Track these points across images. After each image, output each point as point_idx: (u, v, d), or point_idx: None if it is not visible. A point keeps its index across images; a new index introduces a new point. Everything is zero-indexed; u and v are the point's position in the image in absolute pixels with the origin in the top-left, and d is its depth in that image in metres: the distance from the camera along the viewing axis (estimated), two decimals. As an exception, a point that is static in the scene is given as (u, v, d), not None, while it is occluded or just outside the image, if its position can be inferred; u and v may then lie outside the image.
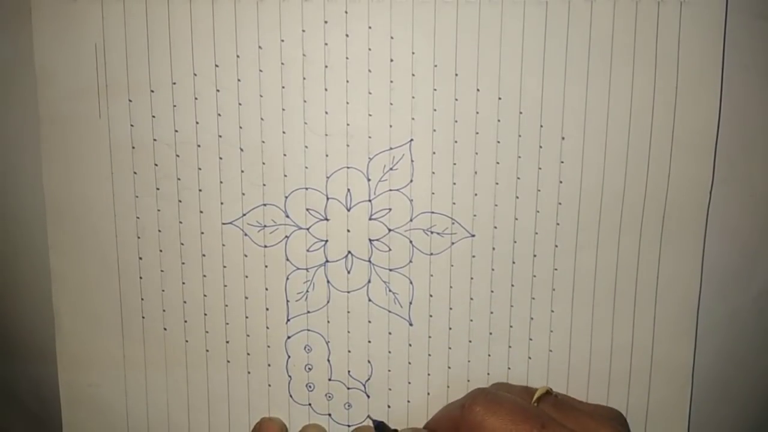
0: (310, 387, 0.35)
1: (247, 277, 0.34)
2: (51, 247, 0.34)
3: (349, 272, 0.34)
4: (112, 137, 0.33)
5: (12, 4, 0.33)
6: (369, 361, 0.35)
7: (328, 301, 0.34)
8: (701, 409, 0.36)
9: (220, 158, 0.33)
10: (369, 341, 0.35)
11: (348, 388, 0.35)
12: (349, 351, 0.35)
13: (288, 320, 0.34)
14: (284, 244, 0.34)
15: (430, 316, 0.34)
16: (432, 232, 0.34)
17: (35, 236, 0.34)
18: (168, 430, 0.35)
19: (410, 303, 0.34)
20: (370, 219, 0.34)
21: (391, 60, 0.32)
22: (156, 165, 0.33)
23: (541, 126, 0.33)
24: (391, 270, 0.34)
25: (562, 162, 0.33)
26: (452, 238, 0.34)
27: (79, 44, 0.32)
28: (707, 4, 0.32)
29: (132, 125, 0.33)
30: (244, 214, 0.34)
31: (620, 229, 0.34)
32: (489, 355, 0.35)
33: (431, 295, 0.34)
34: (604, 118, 0.33)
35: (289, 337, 0.35)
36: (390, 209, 0.33)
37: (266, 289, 0.34)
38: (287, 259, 0.34)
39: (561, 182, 0.33)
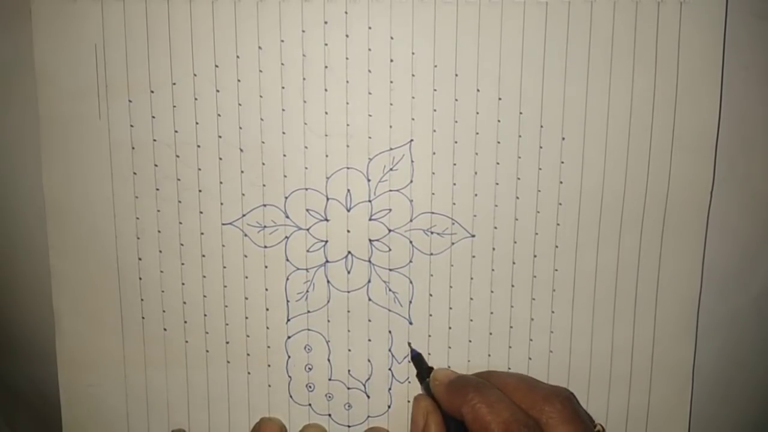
0: (310, 387, 0.35)
1: (247, 277, 0.34)
2: (51, 247, 0.34)
3: (349, 272, 0.34)
4: (112, 138, 0.33)
5: (12, 4, 0.33)
6: (369, 360, 0.35)
7: (328, 301, 0.34)
8: (702, 410, 0.36)
9: (220, 159, 0.33)
10: (369, 340, 0.35)
11: (348, 388, 0.35)
12: (349, 350, 0.35)
13: (288, 320, 0.34)
14: (284, 245, 0.34)
15: (430, 315, 0.34)
16: (432, 233, 0.34)
17: (35, 236, 0.34)
18: (168, 430, 0.35)
19: (410, 302, 0.34)
20: (370, 219, 0.34)
21: (391, 60, 0.32)
22: (156, 165, 0.33)
23: (542, 126, 0.33)
24: (391, 270, 0.34)
25: (563, 162, 0.33)
26: (452, 239, 0.34)
27: (79, 44, 0.32)
28: (707, 4, 0.32)
29: (132, 126, 0.33)
30: (244, 215, 0.34)
31: (621, 229, 0.34)
32: (489, 355, 0.35)
33: (431, 295, 0.34)
34: (604, 119, 0.33)
35: (289, 337, 0.35)
36: (390, 210, 0.33)
37: (266, 289, 0.34)
38: (287, 260, 0.34)
39: (561, 182, 0.33)
